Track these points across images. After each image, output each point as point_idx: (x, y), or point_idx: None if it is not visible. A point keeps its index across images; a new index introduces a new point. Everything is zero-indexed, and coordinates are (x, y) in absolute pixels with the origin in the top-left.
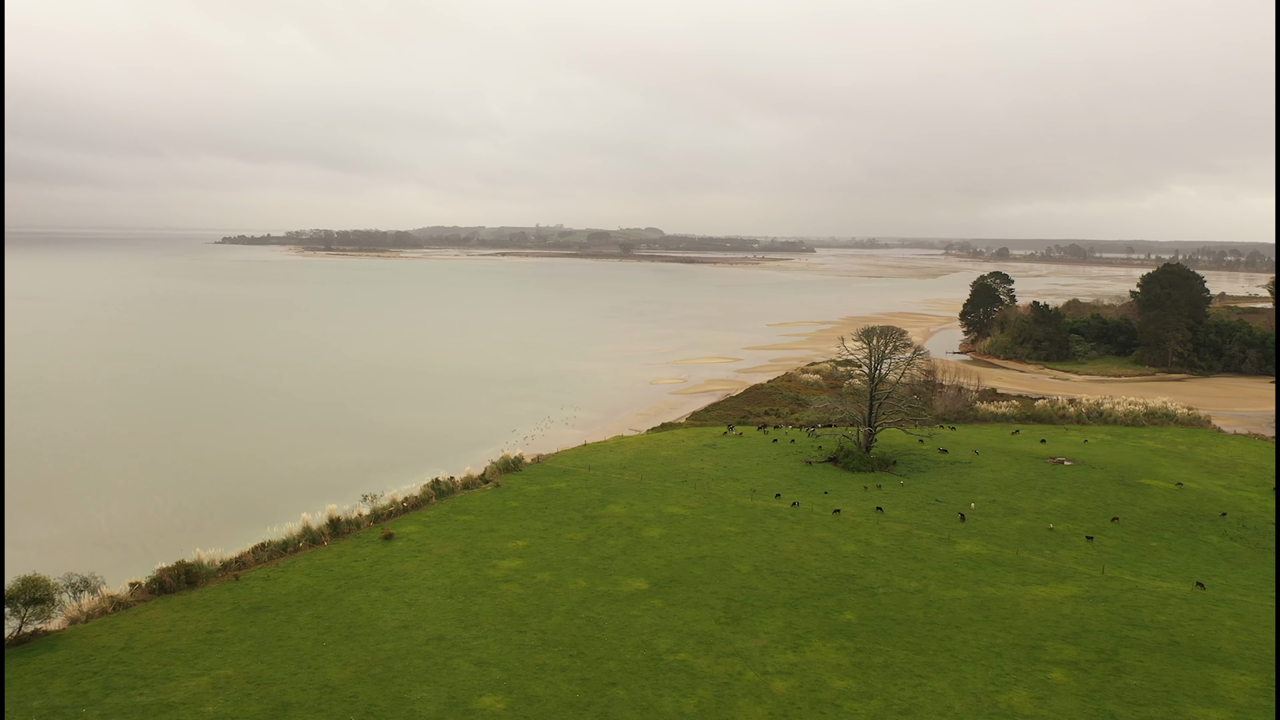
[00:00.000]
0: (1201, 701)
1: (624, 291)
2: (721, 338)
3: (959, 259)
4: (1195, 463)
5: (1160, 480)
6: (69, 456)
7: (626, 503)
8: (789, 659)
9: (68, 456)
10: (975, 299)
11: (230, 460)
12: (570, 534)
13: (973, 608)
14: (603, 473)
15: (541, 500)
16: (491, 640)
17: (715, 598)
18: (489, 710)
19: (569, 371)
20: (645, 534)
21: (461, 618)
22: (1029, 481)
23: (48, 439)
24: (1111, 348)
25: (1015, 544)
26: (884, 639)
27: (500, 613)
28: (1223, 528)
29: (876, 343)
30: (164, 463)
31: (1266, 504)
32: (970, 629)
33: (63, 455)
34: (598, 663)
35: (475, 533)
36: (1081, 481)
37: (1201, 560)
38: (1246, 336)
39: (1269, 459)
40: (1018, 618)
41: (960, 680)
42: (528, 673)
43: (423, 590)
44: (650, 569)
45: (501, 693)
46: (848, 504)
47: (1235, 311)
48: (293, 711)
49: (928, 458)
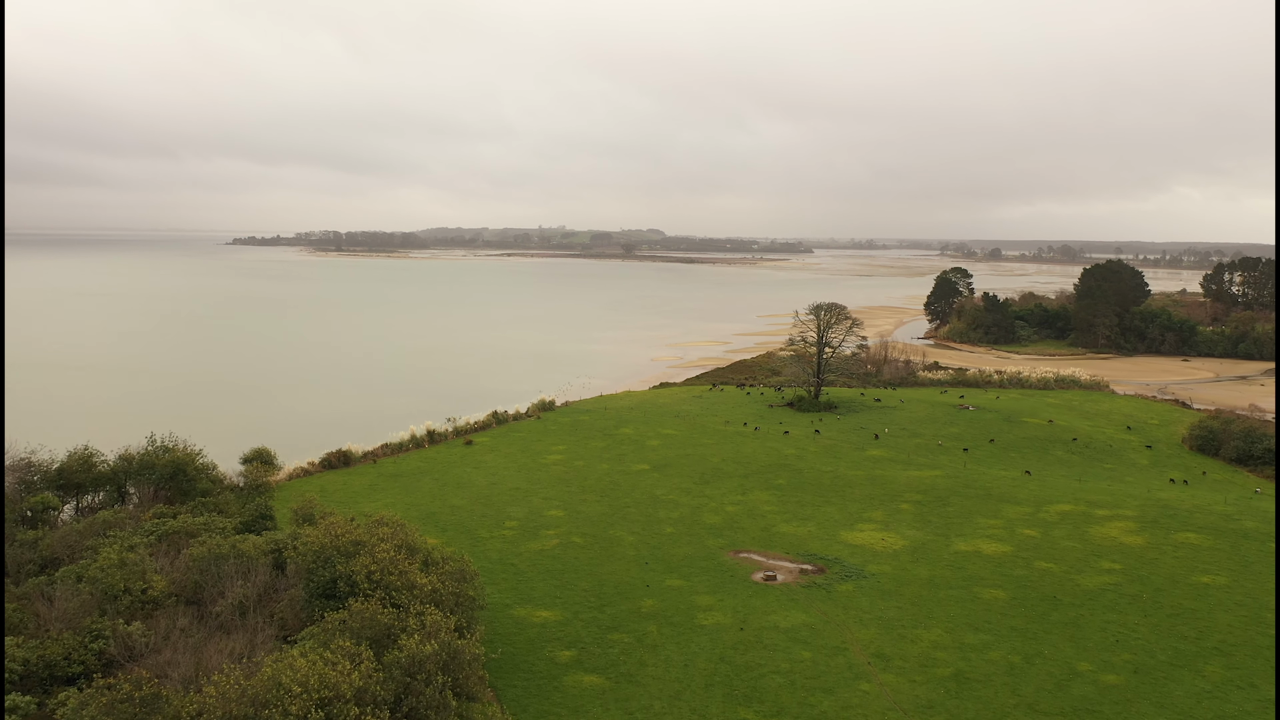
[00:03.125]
0: (989, 515)
1: (626, 289)
2: (715, 327)
3: (952, 259)
4: (1077, 411)
5: (1038, 419)
6: (261, 390)
7: (634, 427)
8: (738, 498)
9: (260, 390)
10: (937, 291)
11: (360, 398)
12: (594, 443)
13: (865, 481)
14: (615, 411)
15: (571, 426)
16: (550, 489)
17: (694, 473)
18: (555, 516)
19: (582, 351)
20: (648, 443)
21: (528, 480)
22: (935, 418)
23: (235, 380)
24: (1051, 332)
25: (909, 451)
26: (801, 491)
27: (553, 478)
28: (1069, 447)
29: (823, 315)
30: (321, 394)
31: (1117, 435)
32: (859, 488)
33: (256, 389)
34: (618, 499)
35: (527, 442)
36: (976, 419)
37: (1039, 463)
38: (1166, 322)
39: (1143, 410)
40: (892, 484)
41: (843, 508)
42: (575, 502)
43: (499, 468)
44: (651, 459)
45: (561, 509)
46: (795, 429)
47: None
48: (436, 516)
49: (865, 405)
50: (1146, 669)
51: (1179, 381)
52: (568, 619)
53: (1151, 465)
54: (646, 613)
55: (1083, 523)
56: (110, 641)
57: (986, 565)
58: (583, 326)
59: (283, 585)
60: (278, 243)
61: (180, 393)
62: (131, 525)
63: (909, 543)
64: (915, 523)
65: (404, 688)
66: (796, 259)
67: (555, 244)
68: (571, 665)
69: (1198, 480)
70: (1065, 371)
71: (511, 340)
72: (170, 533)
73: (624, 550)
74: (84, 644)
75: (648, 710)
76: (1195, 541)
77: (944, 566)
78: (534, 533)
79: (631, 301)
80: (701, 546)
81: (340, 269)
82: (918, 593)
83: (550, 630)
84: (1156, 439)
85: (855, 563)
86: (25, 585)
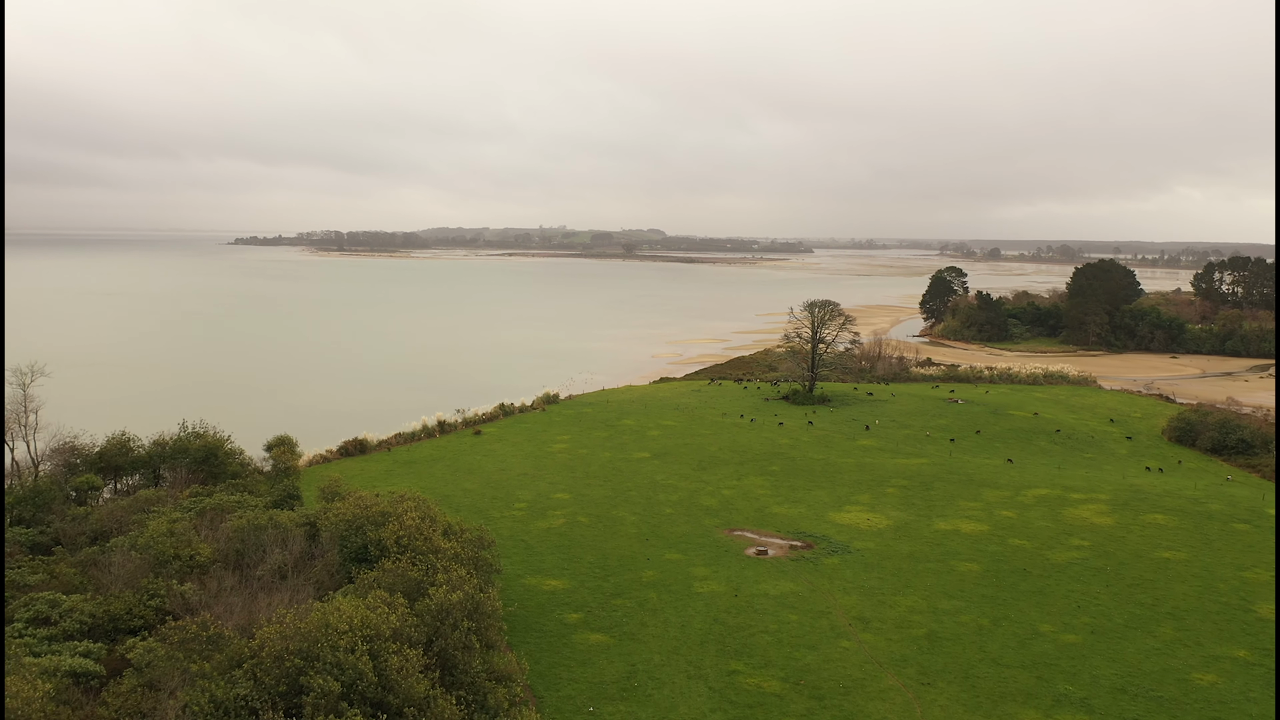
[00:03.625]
0: (970, 498)
1: (627, 288)
2: (714, 325)
3: (952, 259)
4: (1063, 405)
5: (1024, 412)
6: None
7: (635, 419)
8: (733, 483)
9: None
10: (932, 290)
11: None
12: (597, 434)
13: (854, 468)
14: (617, 404)
15: (575, 417)
16: (555, 475)
17: (692, 461)
18: (561, 499)
19: (584, 348)
20: (648, 433)
21: (535, 466)
22: (925, 411)
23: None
24: (1043, 330)
25: (898, 441)
26: (793, 477)
27: (558, 465)
28: (1052, 438)
29: (817, 312)
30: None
31: (1100, 427)
32: (848, 474)
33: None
34: (620, 483)
35: (533, 432)
36: (964, 412)
37: (1022, 452)
38: (1155, 320)
39: (1127, 404)
40: (880, 471)
41: (831, 491)
42: (580, 486)
43: (507, 456)
44: (651, 448)
45: (567, 493)
46: (790, 421)
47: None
48: (450, 498)
49: (857, 399)
50: (1103, 630)
51: (1165, 377)
52: (575, 587)
53: (1130, 455)
54: (647, 582)
55: (1058, 505)
56: (166, 599)
57: (964, 542)
58: (584, 325)
59: (317, 552)
60: (279, 242)
61: (201, 388)
62: (171, 502)
63: (892, 522)
64: (899, 505)
65: (434, 630)
66: (796, 259)
67: (556, 244)
68: (579, 625)
69: (1173, 468)
70: (1054, 368)
71: (516, 338)
72: (208, 509)
73: (626, 528)
74: (142, 601)
75: (648, 662)
76: (1162, 522)
77: (924, 543)
78: (542, 513)
79: (632, 301)
80: (698, 525)
81: (344, 269)
82: (898, 565)
83: (559, 597)
84: (1137, 431)
85: (841, 540)
86: (81, 554)
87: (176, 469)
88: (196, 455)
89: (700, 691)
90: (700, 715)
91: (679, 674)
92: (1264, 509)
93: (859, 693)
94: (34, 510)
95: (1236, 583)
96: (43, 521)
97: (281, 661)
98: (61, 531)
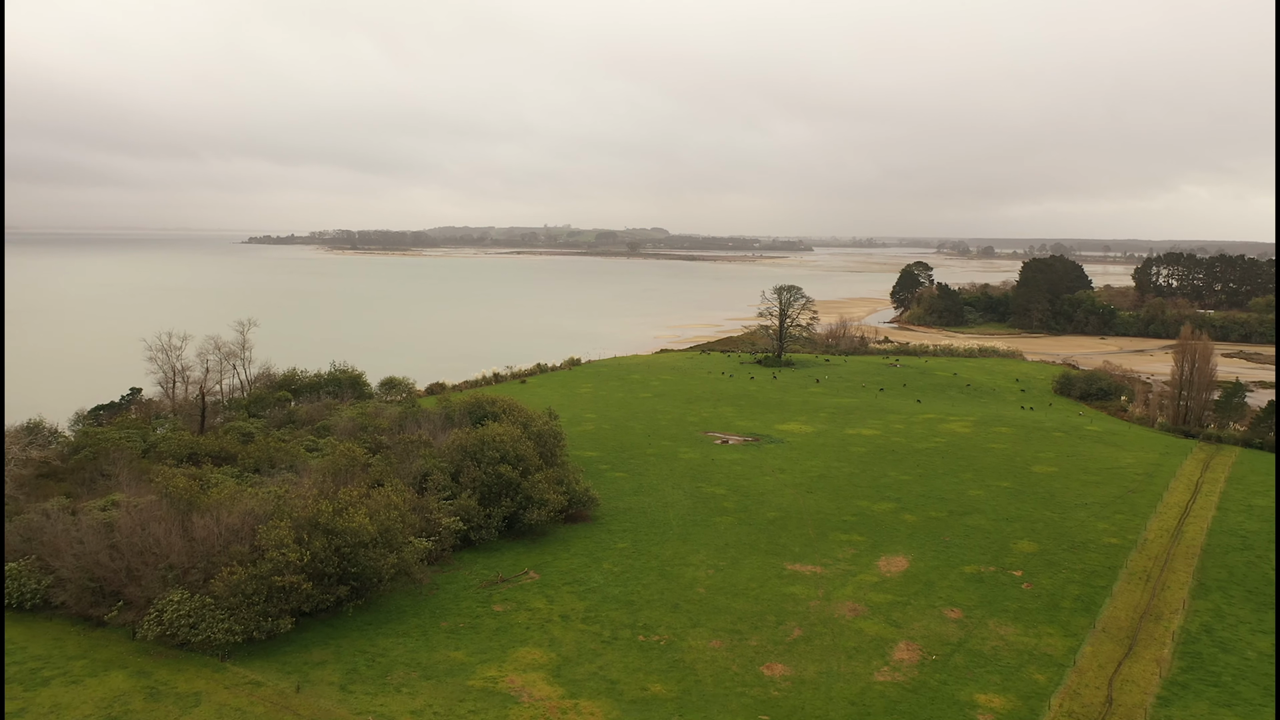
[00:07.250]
0: (876, 419)
1: (632, 283)
2: (710, 313)
3: (947, 257)
4: (985, 371)
5: (947, 373)
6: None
7: (640, 375)
8: (710, 409)
9: None
10: (901, 282)
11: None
12: (612, 383)
13: (800, 404)
14: (627, 366)
15: (594, 373)
16: (583, 406)
17: (682, 398)
18: (589, 417)
19: (594, 330)
20: (650, 383)
21: (569, 400)
22: (868, 372)
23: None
24: (995, 316)
25: (839, 390)
26: (754, 407)
27: (585, 400)
28: (961, 390)
29: (784, 295)
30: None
31: (1004, 385)
32: (794, 406)
33: None
34: (631, 409)
35: (564, 382)
36: (899, 374)
37: (933, 398)
38: (1090, 307)
39: (1039, 371)
40: (818, 405)
41: (780, 414)
42: (602, 411)
43: (547, 396)
44: (653, 391)
45: (593, 414)
46: (759, 377)
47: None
48: None
49: (816, 364)
50: (928, 476)
51: (1087, 353)
52: (603, 455)
53: (1016, 401)
54: (650, 454)
55: (936, 423)
56: (377, 435)
57: (860, 439)
58: (595, 314)
59: (449, 426)
60: (292, 241)
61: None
62: (344, 407)
63: (815, 430)
64: (825, 422)
65: (538, 440)
66: (795, 256)
67: (561, 243)
68: (608, 468)
69: (1043, 408)
70: (988, 344)
71: (539, 322)
72: (369, 408)
73: (635, 432)
74: (360, 441)
75: (651, 484)
76: (1004, 432)
77: (833, 440)
78: (577, 423)
79: (636, 294)
80: (684, 429)
81: (363, 266)
82: (812, 447)
83: (594, 460)
84: (1033, 387)
85: (778, 437)
86: (303, 430)
87: (336, 393)
88: (346, 381)
89: (679, 493)
90: (677, 501)
91: (666, 485)
92: (1085, 427)
93: (771, 495)
94: (255, 408)
95: (1029, 457)
96: (261, 415)
97: (463, 450)
98: (274, 419)
